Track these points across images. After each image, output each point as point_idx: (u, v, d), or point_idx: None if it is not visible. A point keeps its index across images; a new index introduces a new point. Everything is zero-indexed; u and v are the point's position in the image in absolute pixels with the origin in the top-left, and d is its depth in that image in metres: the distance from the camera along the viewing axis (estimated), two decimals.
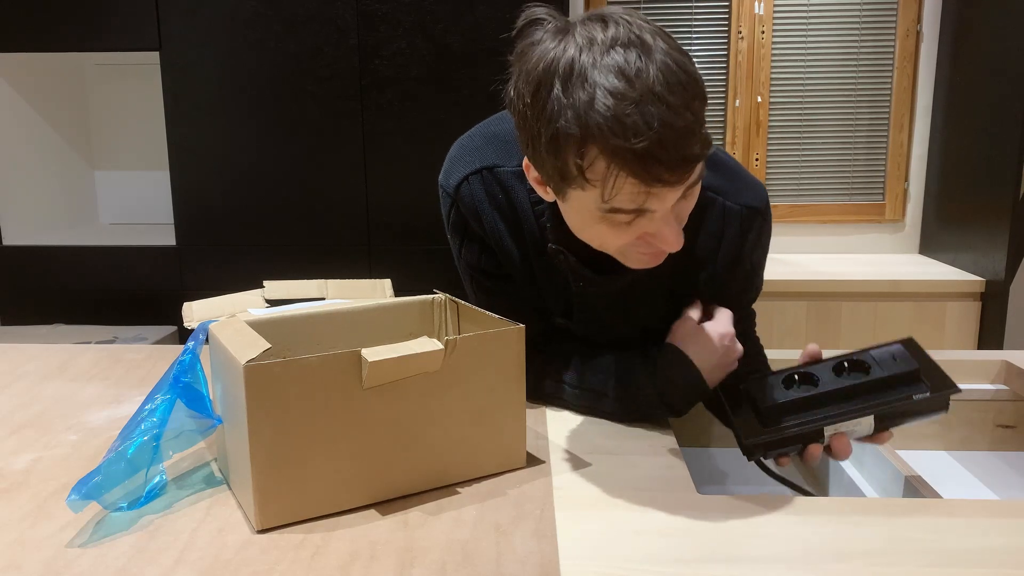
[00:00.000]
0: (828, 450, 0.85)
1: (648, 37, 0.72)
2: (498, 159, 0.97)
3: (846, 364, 0.85)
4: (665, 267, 0.95)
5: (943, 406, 0.82)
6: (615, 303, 0.98)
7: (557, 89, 0.72)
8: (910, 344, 0.86)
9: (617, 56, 0.71)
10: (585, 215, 0.80)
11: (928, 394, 0.80)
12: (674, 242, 0.80)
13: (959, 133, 2.57)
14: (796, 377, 0.86)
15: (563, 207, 0.85)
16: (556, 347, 1.03)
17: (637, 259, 0.85)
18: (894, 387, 0.82)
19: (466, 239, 1.01)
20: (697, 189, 0.81)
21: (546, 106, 0.73)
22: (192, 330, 0.85)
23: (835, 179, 2.84)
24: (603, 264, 0.91)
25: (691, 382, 0.91)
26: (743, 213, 0.95)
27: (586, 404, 0.99)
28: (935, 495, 0.86)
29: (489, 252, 1.00)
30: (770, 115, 2.79)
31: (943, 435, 1.22)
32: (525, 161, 0.84)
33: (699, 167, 0.76)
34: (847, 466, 1.03)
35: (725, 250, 0.96)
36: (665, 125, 0.69)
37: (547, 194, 0.85)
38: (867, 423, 0.82)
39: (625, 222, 0.78)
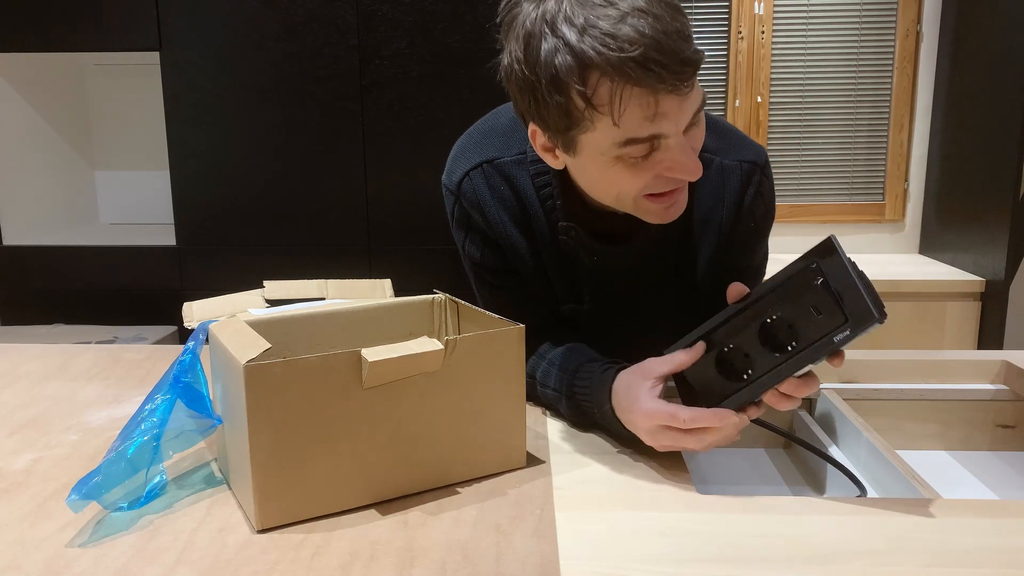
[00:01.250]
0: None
1: None
2: (497, 151, 0.98)
3: (769, 322, 0.80)
4: (673, 234, 0.96)
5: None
6: (627, 278, 0.99)
7: (547, 35, 0.75)
8: (827, 262, 0.76)
9: None
10: (599, 160, 0.81)
11: (849, 333, 0.74)
12: (693, 169, 0.80)
13: (959, 133, 2.57)
14: (726, 351, 0.82)
15: (575, 165, 0.86)
16: (542, 342, 1.03)
17: (654, 211, 0.86)
18: (819, 337, 0.76)
19: (469, 234, 1.02)
20: (703, 119, 0.83)
21: (540, 54, 0.76)
22: (192, 330, 0.85)
23: (835, 179, 2.84)
24: (614, 237, 0.92)
25: (629, 436, 0.89)
26: (742, 168, 0.96)
27: (546, 404, 1.00)
28: (935, 495, 0.86)
29: (492, 246, 1.01)
30: (770, 115, 2.79)
31: (943, 435, 1.22)
32: (531, 128, 0.85)
33: (697, 86, 0.78)
34: (847, 466, 1.03)
35: (727, 208, 0.96)
36: (656, 31, 0.72)
37: (556, 160, 0.87)
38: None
39: (641, 155, 0.79)
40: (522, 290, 1.02)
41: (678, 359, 0.83)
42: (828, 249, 0.76)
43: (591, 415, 0.92)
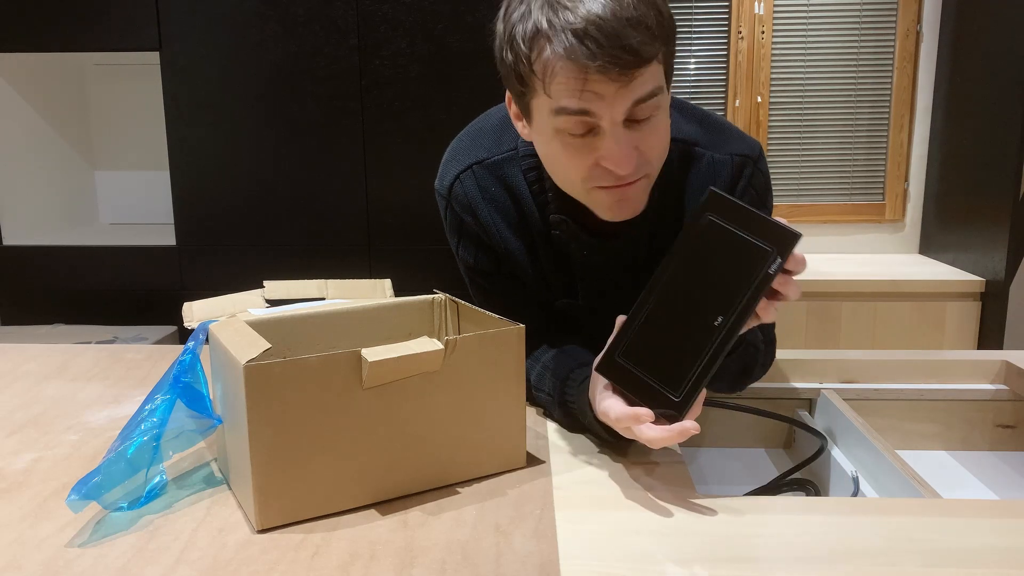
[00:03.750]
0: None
1: None
2: (486, 151, 0.98)
3: (697, 289, 0.76)
4: (665, 228, 0.96)
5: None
6: (619, 272, 0.99)
7: (524, 6, 0.79)
8: (720, 210, 0.75)
9: None
10: (544, 131, 0.83)
11: (780, 260, 0.72)
12: (623, 162, 0.80)
13: (959, 133, 2.57)
14: (665, 332, 0.78)
15: (534, 138, 0.88)
16: (538, 344, 1.03)
17: (603, 204, 0.86)
18: (747, 276, 0.73)
19: (462, 238, 1.02)
20: (659, 119, 0.82)
21: (510, 18, 0.80)
22: (192, 330, 0.85)
23: (835, 179, 2.84)
24: (605, 232, 0.93)
25: (614, 441, 0.89)
26: (732, 161, 0.95)
27: (543, 407, 1.00)
28: (935, 495, 0.86)
29: (485, 250, 1.01)
30: (770, 115, 2.79)
31: (943, 435, 1.22)
32: (508, 96, 0.88)
33: (648, 78, 0.77)
34: (847, 466, 1.03)
35: None
36: (607, 11, 0.74)
37: (525, 129, 0.89)
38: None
39: (577, 133, 0.80)
40: (517, 293, 1.02)
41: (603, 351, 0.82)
42: (718, 198, 0.76)
43: (582, 421, 0.92)
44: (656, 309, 0.79)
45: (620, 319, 0.82)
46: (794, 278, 0.75)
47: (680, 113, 0.96)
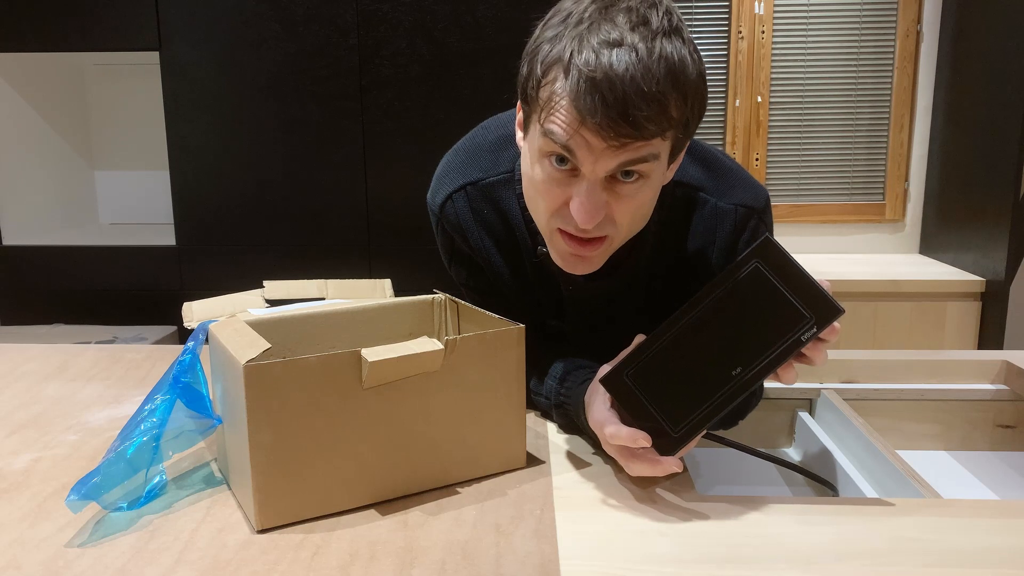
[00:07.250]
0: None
1: (673, 28, 0.74)
2: (482, 171, 0.96)
3: (725, 332, 0.76)
4: (657, 269, 0.95)
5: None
6: (605, 305, 0.98)
7: (560, 22, 0.76)
8: (771, 262, 0.74)
9: (631, 15, 0.73)
10: (533, 150, 0.81)
11: (815, 330, 0.72)
12: (586, 214, 0.77)
13: (959, 133, 2.57)
14: (682, 365, 0.77)
15: (523, 152, 0.85)
16: (534, 350, 1.02)
17: (561, 252, 0.84)
18: (784, 340, 0.73)
19: (453, 258, 1.02)
20: (643, 188, 0.79)
21: (545, 31, 0.77)
22: (192, 330, 0.85)
23: (835, 179, 2.84)
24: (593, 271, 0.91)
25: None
26: (737, 212, 0.91)
27: (542, 411, 1.00)
28: (935, 495, 0.86)
29: (476, 269, 1.01)
30: (770, 115, 2.79)
31: (943, 435, 1.22)
32: (518, 103, 0.86)
33: (642, 149, 0.75)
34: (847, 466, 1.03)
35: (718, 252, 0.92)
36: (628, 73, 0.71)
37: (521, 141, 0.86)
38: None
39: (559, 167, 0.77)
40: (509, 311, 1.01)
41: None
42: (770, 248, 0.74)
43: (576, 422, 0.92)
44: (677, 341, 0.78)
45: (639, 338, 0.81)
46: (825, 347, 0.74)
47: (688, 154, 0.92)
